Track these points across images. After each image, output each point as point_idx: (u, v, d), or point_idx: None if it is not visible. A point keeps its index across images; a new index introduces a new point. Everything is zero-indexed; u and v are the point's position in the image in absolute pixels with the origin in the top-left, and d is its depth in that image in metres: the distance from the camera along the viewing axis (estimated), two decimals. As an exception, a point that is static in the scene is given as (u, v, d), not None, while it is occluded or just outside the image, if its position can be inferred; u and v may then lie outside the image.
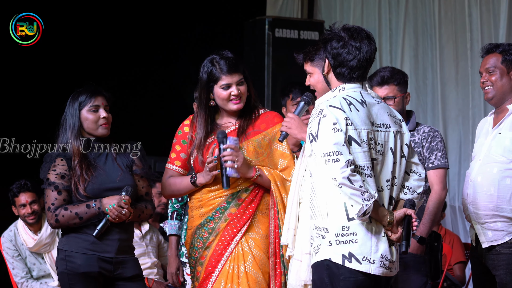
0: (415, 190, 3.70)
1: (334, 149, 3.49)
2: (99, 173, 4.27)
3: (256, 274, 4.13)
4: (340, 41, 3.65)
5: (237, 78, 4.19)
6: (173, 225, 5.05)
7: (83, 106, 4.31)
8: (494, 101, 4.40)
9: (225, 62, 4.18)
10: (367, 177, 3.54)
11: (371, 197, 3.48)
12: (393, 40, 7.73)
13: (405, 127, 3.73)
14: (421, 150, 4.77)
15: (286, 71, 7.27)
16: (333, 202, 3.57)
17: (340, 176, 3.47)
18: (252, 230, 4.19)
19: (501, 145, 4.29)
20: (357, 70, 3.66)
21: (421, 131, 4.81)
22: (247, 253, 4.15)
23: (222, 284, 4.11)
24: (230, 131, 4.23)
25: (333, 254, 3.56)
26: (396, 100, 4.78)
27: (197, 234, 4.21)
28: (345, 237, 3.55)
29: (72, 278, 4.23)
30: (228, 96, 4.19)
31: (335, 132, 3.52)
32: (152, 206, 4.41)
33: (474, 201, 4.32)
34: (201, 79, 4.23)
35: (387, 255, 3.58)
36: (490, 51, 4.42)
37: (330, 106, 3.58)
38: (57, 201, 4.23)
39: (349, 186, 3.47)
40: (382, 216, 3.57)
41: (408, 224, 3.58)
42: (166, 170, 4.33)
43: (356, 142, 3.54)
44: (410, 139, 4.71)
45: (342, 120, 3.53)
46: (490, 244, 4.29)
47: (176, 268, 5.07)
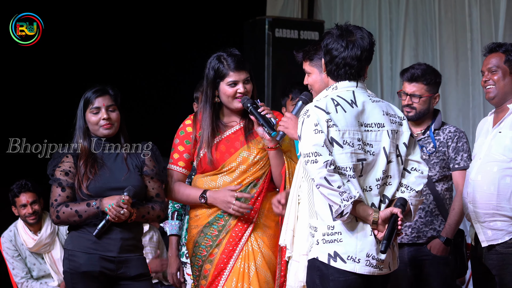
0: (414, 188, 3.67)
1: (313, 150, 3.51)
2: (104, 172, 4.28)
3: (265, 273, 4.15)
4: (330, 37, 3.66)
5: (244, 76, 4.19)
6: (173, 225, 5.05)
7: (86, 108, 4.34)
8: (495, 100, 4.40)
9: (233, 59, 4.19)
10: (350, 178, 3.53)
11: (350, 197, 3.48)
12: (393, 40, 7.72)
13: (405, 125, 3.71)
14: (445, 149, 4.77)
15: (286, 71, 7.27)
16: (320, 201, 3.59)
17: (317, 177, 3.49)
18: (260, 229, 4.20)
19: (501, 144, 4.29)
20: (342, 67, 3.64)
21: (446, 130, 4.82)
22: (257, 252, 4.17)
23: (234, 282, 4.12)
24: (236, 130, 4.23)
25: (320, 253, 3.58)
26: (421, 100, 4.79)
27: (204, 232, 4.21)
28: (330, 236, 3.57)
29: (74, 277, 4.25)
30: (234, 94, 4.19)
31: (316, 134, 3.53)
32: (161, 208, 4.38)
33: (474, 200, 4.32)
34: (208, 75, 4.22)
35: (373, 253, 3.56)
36: (493, 50, 4.41)
37: (315, 107, 3.60)
38: (60, 198, 4.27)
39: (327, 187, 3.49)
40: (366, 215, 3.56)
41: (393, 223, 3.54)
42: (170, 172, 4.32)
43: (337, 144, 3.54)
44: (436, 138, 4.73)
45: (323, 121, 3.54)
46: (490, 244, 4.28)
47: (177, 268, 5.07)
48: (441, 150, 4.77)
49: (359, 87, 3.68)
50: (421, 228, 4.77)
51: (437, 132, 4.82)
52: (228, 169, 4.22)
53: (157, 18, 7.87)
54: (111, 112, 4.34)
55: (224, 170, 4.22)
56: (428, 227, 4.77)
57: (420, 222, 4.77)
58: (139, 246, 4.41)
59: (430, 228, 4.77)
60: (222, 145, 4.23)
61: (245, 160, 4.21)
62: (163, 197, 4.44)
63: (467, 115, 6.99)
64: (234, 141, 4.24)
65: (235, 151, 4.22)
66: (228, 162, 4.21)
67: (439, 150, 4.77)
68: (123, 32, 7.60)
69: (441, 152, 4.78)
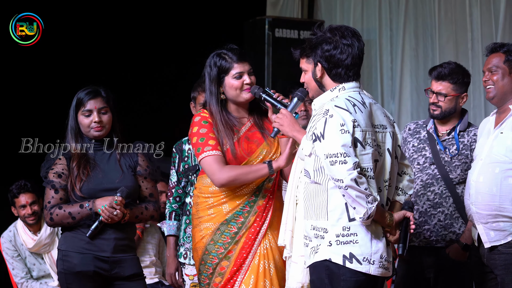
0: (407, 192, 3.73)
1: (342, 150, 3.47)
2: (96, 173, 4.29)
3: (283, 271, 4.13)
4: (331, 42, 3.63)
5: (248, 67, 4.19)
6: (172, 226, 5.04)
7: (78, 110, 4.34)
8: (495, 100, 4.40)
9: (234, 52, 4.20)
10: (370, 179, 3.53)
11: (374, 200, 3.49)
12: (393, 40, 7.72)
13: (397, 128, 3.74)
14: (468, 153, 4.76)
15: (286, 71, 7.27)
16: (334, 202, 3.56)
17: (348, 178, 3.46)
18: (275, 227, 4.17)
19: (503, 145, 4.29)
20: (352, 68, 3.64)
21: (471, 133, 4.81)
22: (275, 250, 4.16)
23: (253, 279, 4.11)
24: (250, 127, 4.22)
25: (333, 254, 3.56)
26: (447, 98, 4.77)
27: (221, 230, 4.17)
28: (345, 237, 3.55)
29: (69, 277, 4.27)
30: (241, 85, 4.17)
31: (343, 134, 3.50)
32: (155, 208, 4.40)
33: (476, 201, 4.31)
34: (210, 73, 4.19)
35: (385, 255, 3.59)
36: (494, 50, 4.41)
37: (336, 107, 3.56)
38: (53, 200, 4.28)
39: (356, 189, 3.46)
40: (383, 218, 3.58)
41: (406, 226, 3.60)
42: (213, 158, 4.09)
43: (361, 144, 3.54)
44: (460, 140, 4.72)
45: (349, 121, 3.52)
46: (493, 244, 4.28)
47: (175, 268, 5.06)
48: (464, 153, 4.75)
49: (360, 87, 3.69)
50: (440, 231, 4.75)
51: (462, 134, 4.80)
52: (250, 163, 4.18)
53: (157, 18, 7.87)
54: (103, 114, 4.34)
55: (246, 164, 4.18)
56: (448, 230, 4.75)
57: (439, 226, 4.75)
58: (132, 246, 4.42)
59: (449, 231, 4.75)
60: (243, 141, 4.20)
61: (266, 156, 4.20)
62: (157, 197, 4.45)
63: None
64: (253, 138, 4.22)
65: (256, 148, 4.20)
66: (252, 158, 4.18)
67: (462, 153, 4.75)
68: (123, 31, 7.60)
69: (463, 155, 4.76)
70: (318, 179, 3.60)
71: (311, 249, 3.62)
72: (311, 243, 3.63)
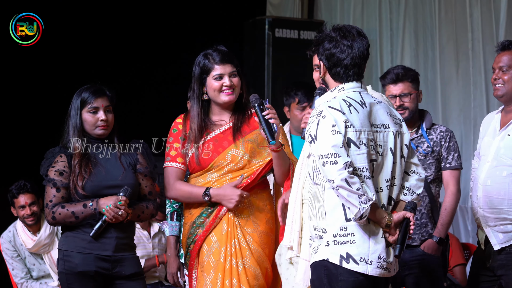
0: (415, 191, 3.69)
1: (332, 151, 3.48)
2: (98, 170, 4.28)
3: (255, 269, 4.18)
4: (332, 41, 3.64)
5: (230, 69, 4.21)
6: (173, 226, 5.03)
7: (83, 107, 4.32)
8: (504, 99, 4.41)
9: (218, 53, 4.23)
10: (366, 179, 3.53)
11: (368, 200, 3.48)
12: (393, 40, 7.72)
13: (405, 127, 3.72)
14: (439, 149, 4.78)
15: (286, 71, 7.27)
16: (331, 202, 3.57)
17: (338, 178, 3.46)
18: (250, 226, 4.22)
19: (510, 148, 4.29)
20: (352, 68, 3.64)
21: (438, 130, 4.84)
22: (245, 249, 4.20)
23: (220, 278, 4.16)
24: (225, 130, 4.24)
25: (331, 254, 3.56)
26: (411, 97, 4.83)
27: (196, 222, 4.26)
28: (342, 237, 3.55)
29: (70, 277, 4.26)
30: (220, 87, 4.21)
31: (334, 134, 3.51)
32: (154, 206, 4.41)
33: (484, 204, 4.31)
34: (194, 72, 4.26)
35: (384, 256, 3.57)
36: (506, 48, 4.40)
37: (329, 108, 3.57)
38: (55, 198, 4.26)
39: (347, 189, 3.46)
40: (380, 218, 3.56)
41: (406, 227, 3.58)
42: (169, 170, 4.29)
43: (355, 144, 3.53)
44: (429, 137, 4.74)
45: (341, 122, 3.52)
46: (502, 246, 4.29)
47: (177, 268, 5.05)
48: (436, 150, 4.78)
49: (362, 87, 3.69)
50: (415, 230, 4.76)
51: (429, 132, 4.83)
52: (217, 167, 4.23)
53: (157, 18, 7.87)
54: (108, 113, 4.34)
55: (213, 168, 4.24)
56: (422, 230, 4.77)
57: (416, 225, 4.75)
58: (133, 245, 4.43)
59: (423, 230, 4.77)
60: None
61: (234, 158, 4.22)
62: (155, 195, 4.46)
63: (468, 115, 6.97)
64: (223, 140, 4.25)
65: (223, 150, 4.23)
66: (217, 161, 4.23)
67: (435, 150, 4.78)
68: (123, 31, 7.60)
69: (436, 152, 4.79)
70: (317, 179, 3.61)
71: (313, 249, 3.64)
72: (314, 243, 3.64)
